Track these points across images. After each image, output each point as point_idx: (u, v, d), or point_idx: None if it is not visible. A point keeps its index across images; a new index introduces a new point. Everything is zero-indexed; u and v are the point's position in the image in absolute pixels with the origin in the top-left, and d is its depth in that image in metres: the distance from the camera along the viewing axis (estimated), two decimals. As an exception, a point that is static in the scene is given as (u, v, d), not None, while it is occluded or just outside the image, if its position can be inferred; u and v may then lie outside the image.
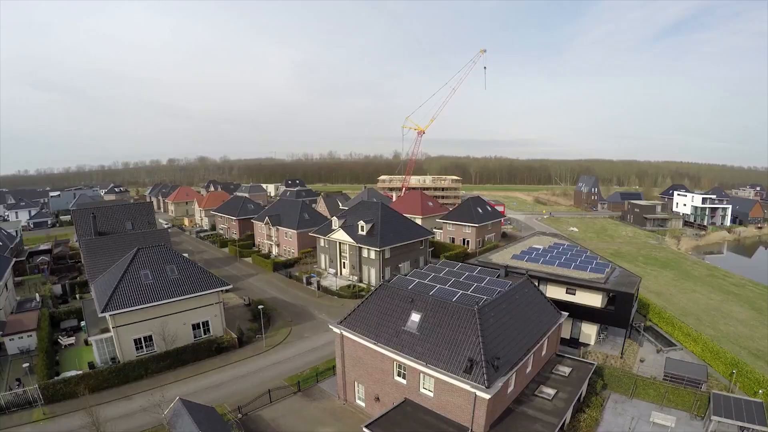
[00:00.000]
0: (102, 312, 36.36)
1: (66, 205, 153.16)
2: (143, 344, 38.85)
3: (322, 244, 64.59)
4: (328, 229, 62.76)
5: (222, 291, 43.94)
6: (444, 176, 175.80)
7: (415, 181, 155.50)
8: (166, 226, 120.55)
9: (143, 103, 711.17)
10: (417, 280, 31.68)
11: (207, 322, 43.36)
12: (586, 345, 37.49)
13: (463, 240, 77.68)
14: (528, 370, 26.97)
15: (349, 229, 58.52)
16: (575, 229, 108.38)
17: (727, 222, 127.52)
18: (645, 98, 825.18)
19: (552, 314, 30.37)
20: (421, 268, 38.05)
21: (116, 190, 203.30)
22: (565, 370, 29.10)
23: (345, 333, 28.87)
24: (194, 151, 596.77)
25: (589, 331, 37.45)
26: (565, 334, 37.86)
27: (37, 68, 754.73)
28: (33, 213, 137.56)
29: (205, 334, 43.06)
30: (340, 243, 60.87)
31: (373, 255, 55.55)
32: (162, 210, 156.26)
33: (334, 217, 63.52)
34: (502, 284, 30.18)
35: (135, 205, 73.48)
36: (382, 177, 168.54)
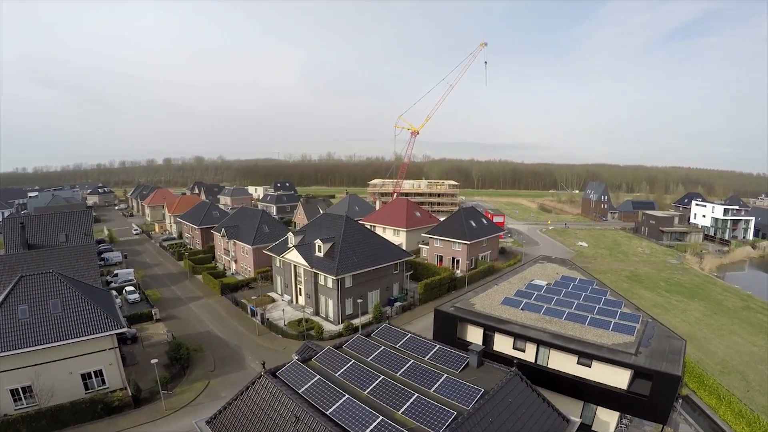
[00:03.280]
0: (-36, 356, 27.79)
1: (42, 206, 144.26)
2: (22, 396, 31.29)
3: (277, 264, 53.49)
4: (284, 247, 51.66)
5: (115, 335, 34.02)
6: (441, 181, 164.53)
7: (408, 185, 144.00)
8: (135, 233, 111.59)
9: (145, 102, 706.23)
10: (318, 377, 18.94)
11: (101, 371, 34.10)
12: (603, 437, 26.09)
13: (453, 259, 66.25)
14: None
15: (305, 248, 47.15)
16: (584, 244, 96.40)
17: (750, 235, 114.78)
18: (650, 102, 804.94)
19: (554, 426, 18.82)
20: (369, 331, 26.71)
21: (99, 191, 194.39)
22: None
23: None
24: (194, 151, 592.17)
25: (606, 418, 25.79)
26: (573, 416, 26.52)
27: (40, 65, 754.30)
28: (6, 215, 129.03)
29: (101, 385, 34.11)
30: (295, 265, 49.75)
31: (330, 283, 44.24)
32: (140, 213, 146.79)
33: (290, 233, 52.24)
34: (467, 393, 17.53)
35: (72, 213, 64.28)
36: (374, 181, 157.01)
